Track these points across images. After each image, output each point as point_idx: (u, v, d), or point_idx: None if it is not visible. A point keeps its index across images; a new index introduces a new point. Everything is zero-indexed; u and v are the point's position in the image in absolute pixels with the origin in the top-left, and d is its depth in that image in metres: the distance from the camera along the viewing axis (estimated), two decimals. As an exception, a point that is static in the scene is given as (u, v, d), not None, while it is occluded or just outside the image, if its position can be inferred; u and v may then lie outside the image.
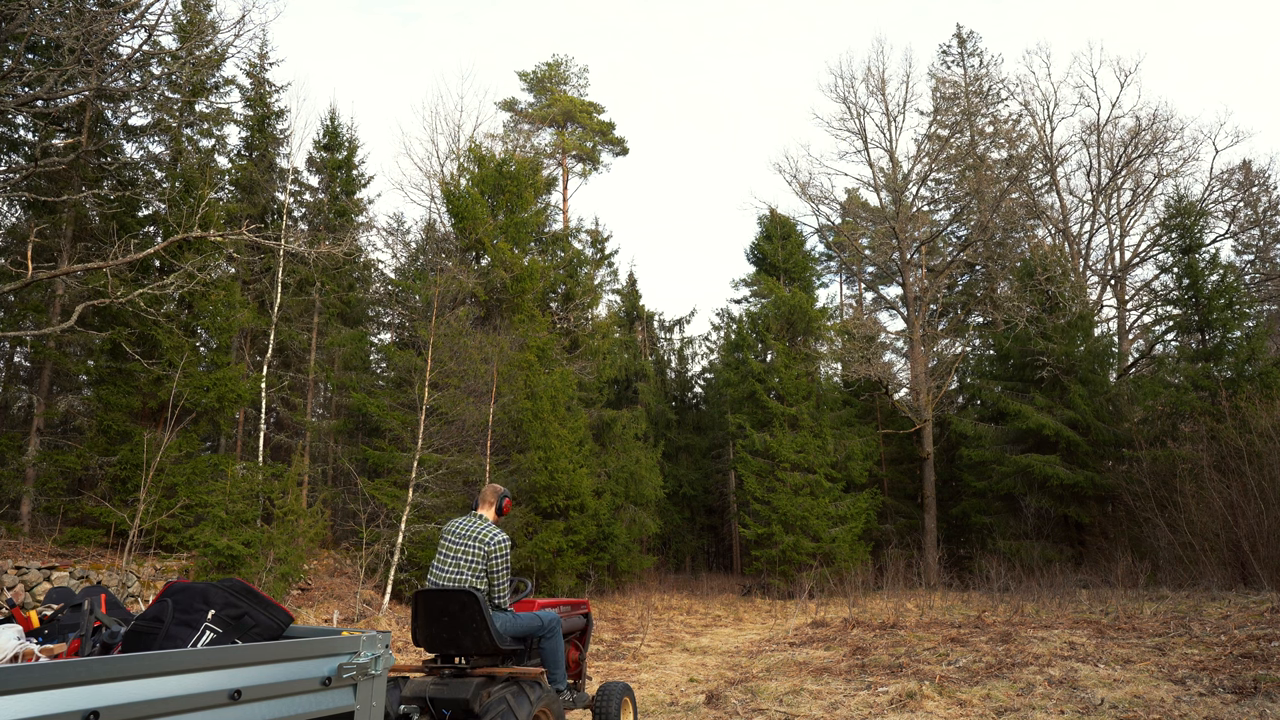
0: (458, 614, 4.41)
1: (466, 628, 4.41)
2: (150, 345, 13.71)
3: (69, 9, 10.11)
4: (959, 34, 28.00)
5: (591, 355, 21.20)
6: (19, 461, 13.51)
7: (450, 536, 4.73)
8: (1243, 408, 15.51)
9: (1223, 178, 26.63)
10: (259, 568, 12.02)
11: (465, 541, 4.65)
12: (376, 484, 15.55)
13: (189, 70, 14.60)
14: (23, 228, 14.63)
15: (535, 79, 31.29)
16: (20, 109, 11.92)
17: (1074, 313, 21.04)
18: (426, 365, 15.52)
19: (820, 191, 26.27)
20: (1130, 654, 7.79)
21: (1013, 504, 20.34)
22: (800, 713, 6.26)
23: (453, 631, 4.45)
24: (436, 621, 4.47)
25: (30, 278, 9.53)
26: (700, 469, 27.68)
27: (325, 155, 21.40)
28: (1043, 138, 27.07)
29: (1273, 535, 13.17)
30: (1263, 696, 5.82)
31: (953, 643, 8.98)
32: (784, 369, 20.44)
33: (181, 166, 15.76)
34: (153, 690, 2.07)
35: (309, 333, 19.30)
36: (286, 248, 15.21)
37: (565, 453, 17.12)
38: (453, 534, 4.73)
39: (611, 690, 5.27)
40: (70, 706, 1.80)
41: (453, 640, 4.48)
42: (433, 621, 4.48)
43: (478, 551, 4.60)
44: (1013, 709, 5.99)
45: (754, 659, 9.30)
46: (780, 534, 18.65)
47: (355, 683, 2.68)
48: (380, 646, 2.75)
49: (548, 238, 23.04)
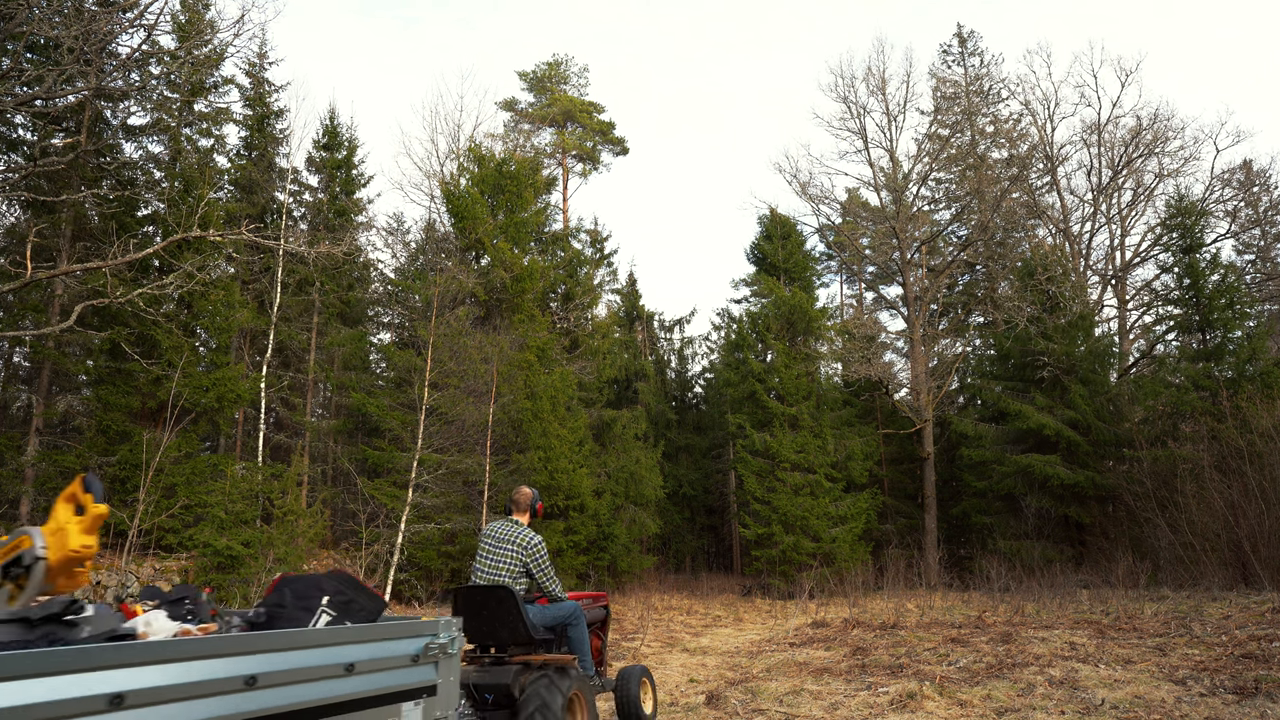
0: (495, 608, 4.90)
1: (503, 620, 4.89)
2: (150, 345, 13.69)
3: (68, 8, 10.10)
4: (959, 33, 28.00)
5: (591, 355, 21.18)
6: (18, 461, 13.50)
7: (489, 540, 5.21)
8: (1244, 408, 15.48)
9: (1224, 177, 26.62)
10: (258, 568, 12.00)
11: (503, 545, 5.12)
12: (376, 484, 15.54)
13: (188, 70, 14.59)
14: (22, 227, 14.63)
15: (535, 79, 31.28)
16: (19, 109, 11.91)
17: (1074, 312, 21.02)
18: (426, 365, 15.51)
19: (820, 191, 26.27)
20: (1131, 654, 7.77)
21: (1013, 504, 20.31)
22: (800, 713, 6.24)
23: (491, 624, 4.94)
24: (477, 615, 4.94)
25: (29, 277, 9.51)
26: (700, 469, 27.65)
27: (325, 155, 21.39)
28: (1043, 137, 27.06)
29: (1274, 535, 13.14)
30: (1264, 697, 5.80)
31: (953, 643, 8.96)
32: (784, 369, 20.42)
33: (181, 166, 15.76)
34: (292, 661, 2.49)
35: (308, 333, 19.30)
36: (286, 247, 15.20)
37: (565, 453, 17.10)
38: (491, 538, 5.21)
39: (630, 673, 5.62)
40: (235, 672, 2.31)
41: (491, 632, 4.97)
42: (473, 615, 4.94)
43: (514, 554, 5.07)
44: (1013, 709, 5.97)
45: (754, 659, 9.29)
46: (780, 534, 18.63)
47: (437, 660, 3.13)
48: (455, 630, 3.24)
49: (548, 238, 23.02)
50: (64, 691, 1.84)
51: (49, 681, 1.82)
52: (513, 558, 5.05)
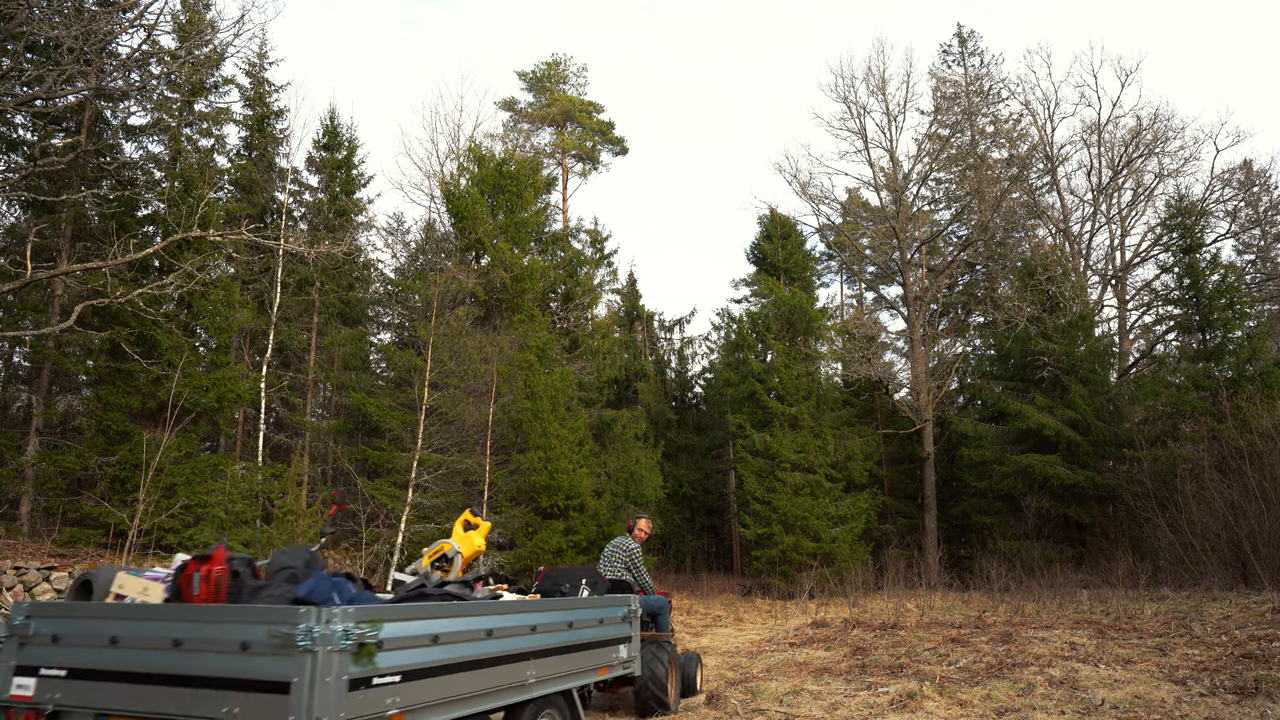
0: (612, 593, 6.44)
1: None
2: (149, 345, 13.68)
3: (68, 8, 10.10)
4: (959, 33, 28.00)
5: (591, 355, 21.17)
6: (18, 462, 13.49)
7: (610, 547, 7.45)
8: (1244, 408, 15.48)
9: (1224, 177, 26.62)
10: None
11: (616, 551, 7.36)
12: (376, 484, 15.53)
13: (188, 70, 14.57)
14: (22, 227, 14.63)
15: (535, 78, 31.26)
16: (19, 108, 11.91)
17: (1074, 312, 21.01)
18: (426, 365, 15.50)
19: (820, 191, 26.27)
20: (1131, 654, 7.77)
21: (1013, 504, 20.30)
22: (800, 713, 6.24)
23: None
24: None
25: (29, 277, 9.52)
26: (700, 469, 27.63)
27: (325, 155, 21.38)
28: (1043, 137, 27.05)
29: (1274, 535, 13.13)
30: (1264, 697, 5.80)
31: (953, 643, 8.96)
32: (784, 369, 20.41)
33: (181, 166, 15.74)
34: (577, 617, 4.96)
35: (308, 333, 19.29)
36: (286, 247, 15.20)
37: (565, 453, 17.08)
38: (611, 546, 7.46)
39: (691, 656, 7.53)
40: (553, 621, 4.64)
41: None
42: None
43: (621, 558, 7.28)
44: (1013, 709, 5.97)
45: (754, 659, 9.29)
46: (780, 534, 18.62)
47: (631, 621, 5.78)
48: (636, 603, 5.91)
49: (547, 237, 23.01)
50: (474, 625, 3.91)
51: (472, 620, 3.92)
52: (619, 560, 7.24)
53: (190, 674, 3.15)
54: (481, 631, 3.92)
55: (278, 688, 2.93)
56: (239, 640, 3.07)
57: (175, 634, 3.24)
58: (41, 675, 3.49)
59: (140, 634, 3.35)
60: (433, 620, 3.60)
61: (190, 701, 3.11)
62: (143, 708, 3.22)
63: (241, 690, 3.01)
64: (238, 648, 3.06)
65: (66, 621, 3.60)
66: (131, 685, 3.28)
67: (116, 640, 3.38)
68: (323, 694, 2.88)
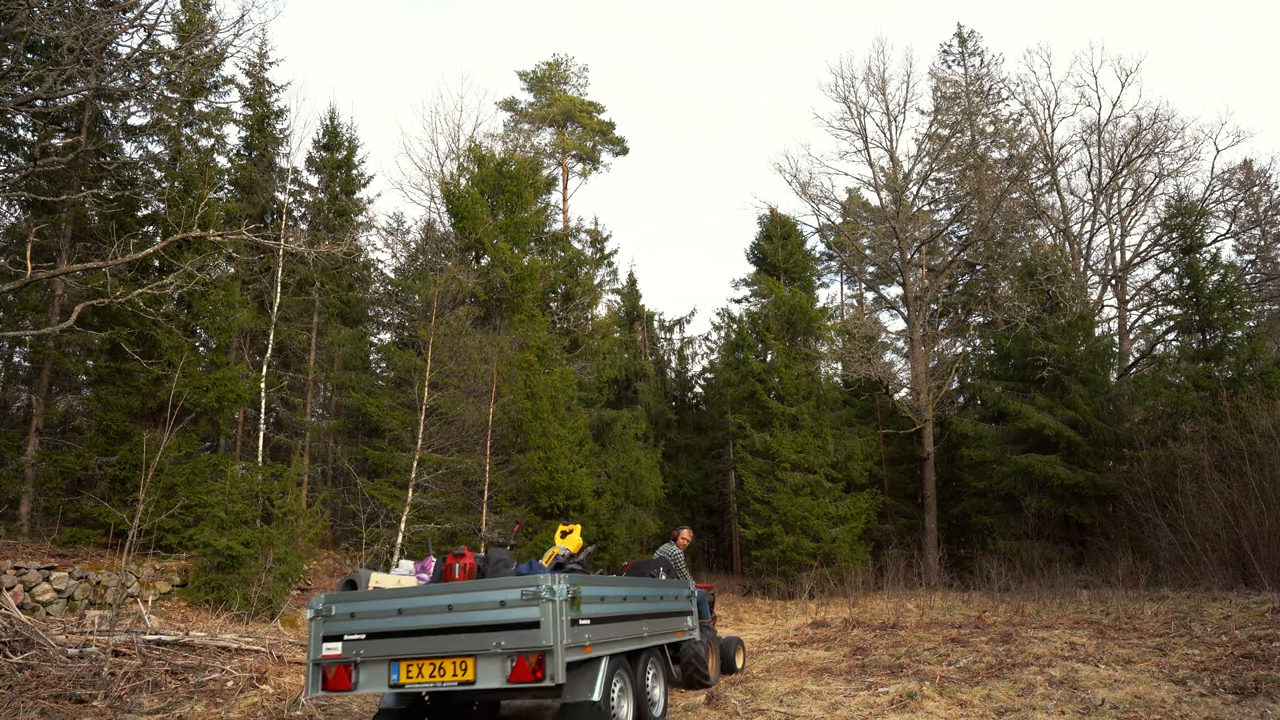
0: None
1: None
2: (149, 345, 13.68)
3: (68, 8, 10.09)
4: (960, 33, 27.99)
5: (591, 355, 21.17)
6: (18, 461, 13.50)
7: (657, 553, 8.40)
8: (1244, 408, 15.47)
9: (1224, 177, 26.60)
10: (258, 568, 12.01)
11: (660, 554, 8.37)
12: (376, 484, 15.53)
13: (188, 70, 14.58)
14: (22, 227, 14.64)
15: (535, 78, 31.26)
16: (19, 108, 11.91)
17: (1074, 312, 21.00)
18: (426, 365, 15.50)
19: (820, 191, 26.27)
20: (1131, 654, 7.77)
21: (1013, 504, 20.30)
22: (800, 713, 6.24)
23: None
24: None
25: (29, 277, 9.51)
26: (700, 469, 27.64)
27: (325, 155, 21.39)
28: (1043, 137, 27.05)
29: (1274, 535, 13.13)
30: (1264, 697, 5.80)
31: (953, 643, 8.96)
32: (784, 369, 20.41)
33: (181, 166, 15.74)
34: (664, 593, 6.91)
35: (308, 333, 19.30)
36: (286, 247, 15.20)
37: (565, 453, 17.09)
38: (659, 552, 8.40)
39: (730, 639, 8.45)
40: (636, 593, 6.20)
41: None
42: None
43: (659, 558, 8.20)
44: (1013, 709, 5.97)
45: (754, 659, 9.29)
46: (780, 534, 18.62)
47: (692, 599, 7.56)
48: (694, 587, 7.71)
49: (547, 237, 23.01)
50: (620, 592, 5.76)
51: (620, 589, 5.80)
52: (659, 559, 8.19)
53: (463, 625, 4.71)
54: (622, 596, 5.73)
55: (531, 625, 4.56)
56: (499, 600, 4.68)
57: (447, 602, 4.82)
58: (345, 640, 5.00)
59: (419, 605, 4.90)
60: (601, 587, 5.36)
61: (465, 643, 4.68)
62: (428, 651, 4.77)
63: (504, 630, 4.60)
64: (498, 604, 4.67)
65: (360, 603, 5.08)
66: (416, 638, 4.82)
67: (402, 611, 4.93)
68: (558, 627, 4.53)
